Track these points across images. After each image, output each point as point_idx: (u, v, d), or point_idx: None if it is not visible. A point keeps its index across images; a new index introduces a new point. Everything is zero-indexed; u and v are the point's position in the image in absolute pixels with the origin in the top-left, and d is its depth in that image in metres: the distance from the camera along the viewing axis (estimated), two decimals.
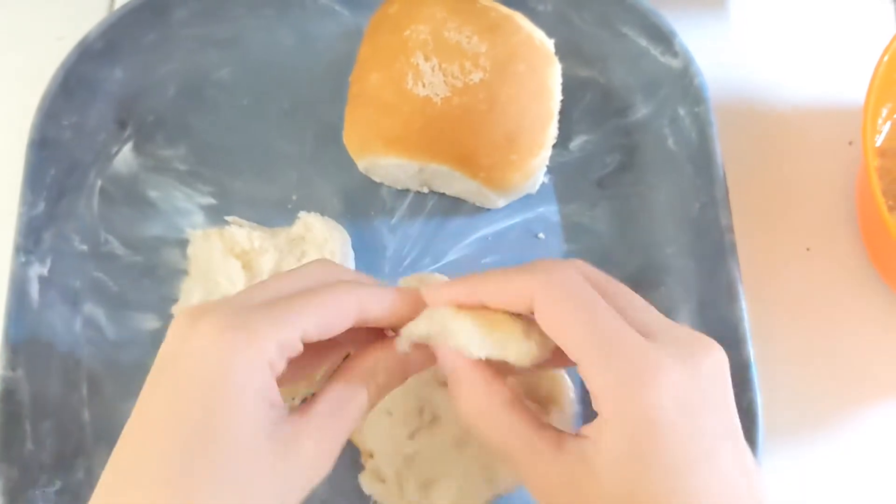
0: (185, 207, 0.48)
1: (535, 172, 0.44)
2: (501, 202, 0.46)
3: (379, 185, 0.48)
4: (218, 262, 0.44)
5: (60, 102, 0.47)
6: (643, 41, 0.48)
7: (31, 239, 0.45)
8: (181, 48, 0.50)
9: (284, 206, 0.48)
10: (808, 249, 0.49)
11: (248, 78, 0.50)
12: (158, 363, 0.28)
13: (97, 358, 0.45)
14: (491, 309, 0.30)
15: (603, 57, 0.49)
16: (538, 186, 0.47)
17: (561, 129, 0.44)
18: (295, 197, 0.48)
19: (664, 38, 0.47)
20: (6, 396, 0.42)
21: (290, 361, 0.28)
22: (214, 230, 0.45)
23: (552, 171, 0.48)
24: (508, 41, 0.42)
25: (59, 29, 0.53)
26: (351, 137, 0.44)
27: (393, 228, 0.47)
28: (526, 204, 0.48)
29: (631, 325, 0.28)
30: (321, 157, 0.49)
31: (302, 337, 0.28)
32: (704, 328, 0.44)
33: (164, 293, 0.46)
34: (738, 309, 0.43)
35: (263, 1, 0.50)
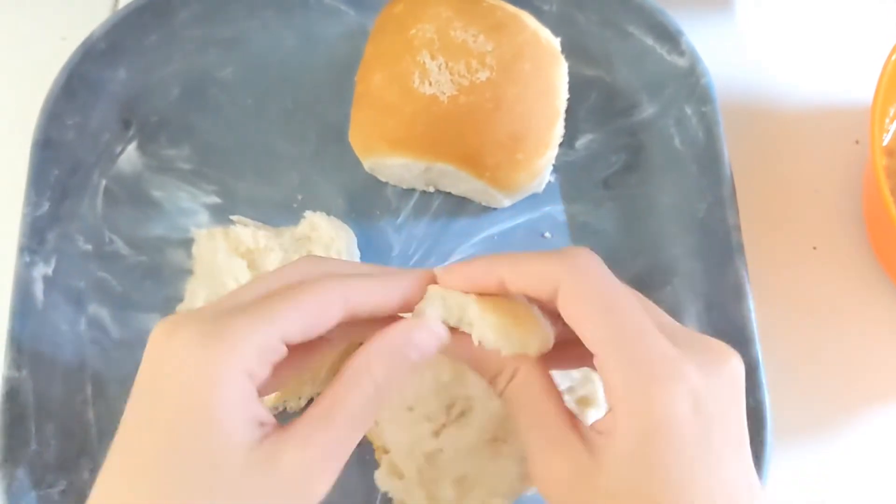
0: (189, 207, 0.48)
1: (541, 172, 0.44)
2: (507, 202, 0.46)
3: (384, 184, 0.48)
4: (223, 261, 0.44)
5: (64, 103, 0.47)
6: (649, 40, 0.48)
7: (35, 239, 0.45)
8: (184, 48, 0.50)
9: (289, 205, 0.48)
10: (814, 249, 0.49)
11: (251, 78, 0.50)
12: (138, 380, 0.27)
13: (101, 358, 0.45)
14: (498, 293, 0.29)
15: (609, 56, 0.49)
16: (544, 186, 0.47)
17: (567, 128, 0.44)
18: (300, 196, 0.48)
19: (671, 37, 0.47)
20: (10, 397, 0.42)
21: (276, 366, 0.27)
22: (219, 229, 0.45)
23: (558, 170, 0.48)
24: (514, 40, 0.42)
25: (62, 29, 0.53)
26: (357, 137, 0.44)
27: (398, 228, 0.47)
28: (532, 203, 0.47)
29: (653, 326, 0.28)
30: (325, 156, 0.48)
31: (283, 338, 0.27)
32: (712, 328, 0.44)
33: (168, 293, 0.46)
34: (745, 309, 0.43)
35: (266, 1, 0.50)
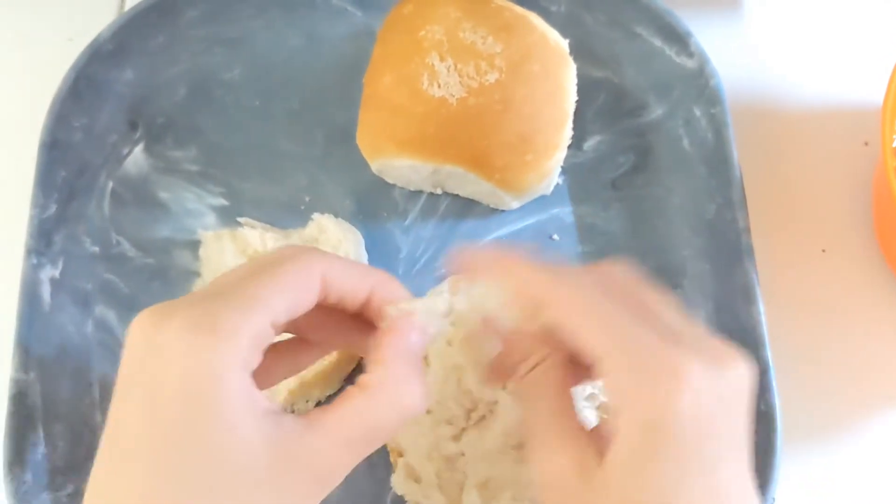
0: (196, 209, 0.48)
1: (549, 173, 0.44)
2: (515, 203, 0.46)
3: (391, 186, 0.48)
4: (230, 263, 0.44)
5: (71, 104, 0.47)
6: (658, 41, 0.47)
7: (42, 241, 0.45)
8: (191, 49, 0.50)
9: (297, 207, 0.48)
10: (823, 251, 0.48)
11: (258, 79, 0.50)
12: (125, 374, 0.26)
13: (109, 360, 0.45)
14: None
15: (617, 57, 0.49)
16: (552, 187, 0.47)
17: (575, 129, 0.44)
18: (307, 198, 0.48)
19: (679, 38, 0.47)
20: (19, 399, 0.42)
21: (264, 367, 0.26)
22: (226, 231, 0.45)
23: (566, 171, 0.48)
24: (523, 41, 0.42)
25: (68, 30, 0.53)
26: (365, 139, 0.44)
27: (406, 230, 0.47)
28: (539, 205, 0.47)
29: (655, 328, 0.27)
30: (332, 158, 0.48)
31: (272, 322, 0.26)
32: (721, 330, 0.44)
33: (175, 295, 0.46)
34: (755, 312, 0.42)
35: (273, 1, 0.50)
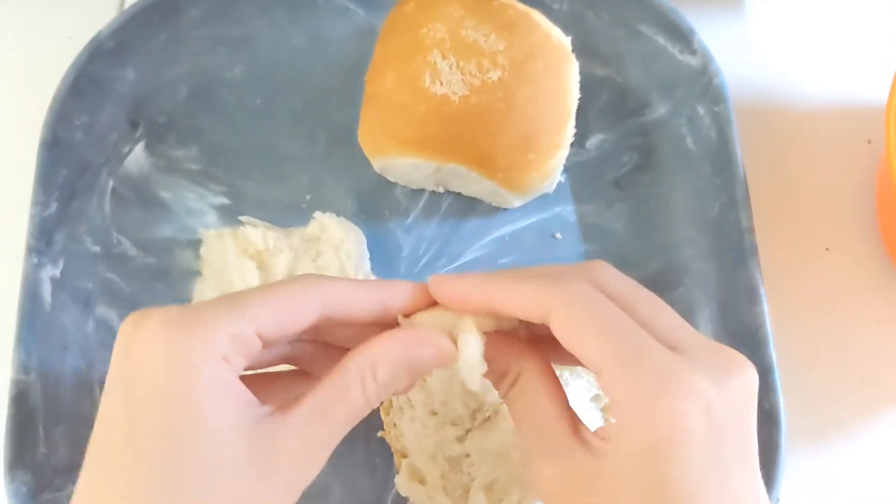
0: (197, 208, 0.47)
1: (552, 172, 0.43)
2: (518, 202, 0.46)
3: (393, 185, 0.48)
4: (232, 262, 0.44)
5: (71, 102, 0.46)
6: (661, 39, 0.47)
7: (43, 240, 0.44)
8: (192, 48, 0.50)
9: (298, 206, 0.47)
10: (827, 249, 0.48)
11: (259, 78, 0.50)
12: (110, 377, 0.27)
13: (110, 361, 0.44)
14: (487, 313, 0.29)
15: (620, 55, 0.49)
16: (555, 186, 0.47)
17: (577, 127, 0.44)
18: (309, 197, 0.47)
19: (683, 35, 0.46)
20: (19, 400, 0.42)
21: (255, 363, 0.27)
22: (228, 230, 0.45)
23: (568, 170, 0.47)
24: (526, 39, 0.41)
25: (69, 28, 0.53)
26: (366, 137, 0.43)
27: (408, 229, 0.47)
28: (542, 204, 0.47)
29: (656, 336, 0.27)
30: (334, 157, 0.48)
31: (258, 331, 0.26)
32: (725, 330, 0.44)
33: (177, 295, 0.45)
34: (759, 312, 0.42)
35: (275, 0, 0.50)
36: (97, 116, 0.48)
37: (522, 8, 0.43)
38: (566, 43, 0.43)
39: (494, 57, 0.41)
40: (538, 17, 0.43)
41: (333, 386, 0.27)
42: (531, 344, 0.31)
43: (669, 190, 0.47)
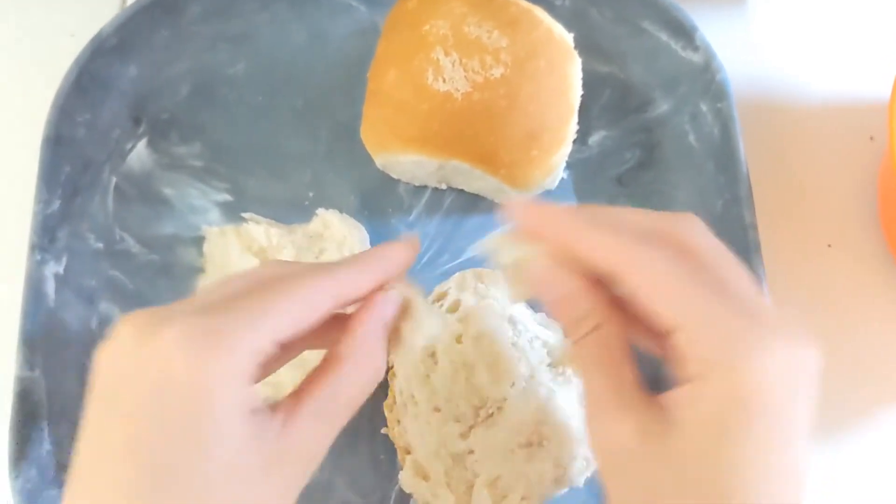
0: (200, 205, 0.47)
1: (555, 169, 0.43)
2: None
3: (396, 181, 0.48)
4: (235, 259, 0.44)
5: (74, 99, 0.46)
6: (663, 36, 0.47)
7: (46, 237, 0.44)
8: (194, 45, 0.50)
9: (301, 203, 0.47)
10: (829, 246, 0.48)
11: (261, 75, 0.50)
12: (108, 380, 0.26)
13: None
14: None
15: (622, 52, 0.49)
16: (557, 182, 0.47)
17: (580, 124, 0.44)
18: (311, 194, 0.48)
19: (685, 32, 0.46)
20: (23, 397, 0.42)
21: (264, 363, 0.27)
22: (231, 227, 0.45)
23: (571, 167, 0.47)
24: (529, 36, 0.41)
25: (71, 25, 0.53)
26: (369, 134, 0.43)
27: (411, 226, 0.47)
28: (544, 200, 0.47)
29: (734, 299, 0.27)
30: (336, 154, 0.48)
31: (276, 340, 0.26)
32: None
33: (180, 292, 0.46)
34: None
35: None
36: (99, 113, 0.48)
37: (525, 5, 0.43)
38: (569, 40, 0.43)
39: (497, 54, 0.41)
40: (541, 13, 0.43)
41: (332, 385, 0.28)
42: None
43: (672, 187, 0.47)
